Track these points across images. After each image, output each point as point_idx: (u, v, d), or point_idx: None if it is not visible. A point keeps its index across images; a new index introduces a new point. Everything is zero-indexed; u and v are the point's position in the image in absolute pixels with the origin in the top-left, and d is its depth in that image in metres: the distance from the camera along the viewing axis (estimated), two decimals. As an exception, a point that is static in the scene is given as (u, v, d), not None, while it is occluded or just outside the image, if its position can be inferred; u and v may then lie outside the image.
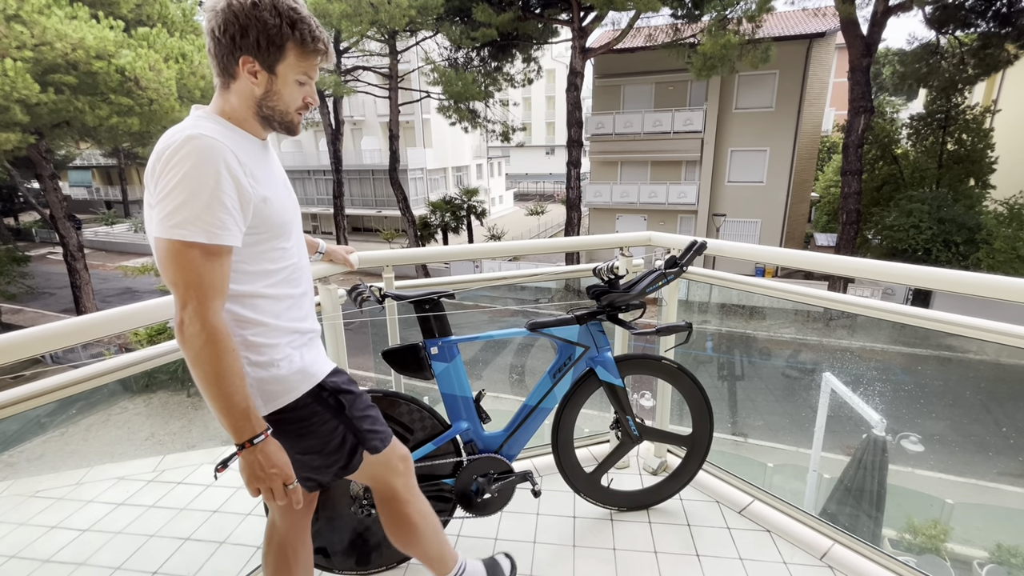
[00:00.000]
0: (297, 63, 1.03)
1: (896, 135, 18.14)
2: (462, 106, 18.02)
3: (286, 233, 1.12)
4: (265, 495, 1.05)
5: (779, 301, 2.07)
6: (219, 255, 0.96)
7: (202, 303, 0.94)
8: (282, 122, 1.08)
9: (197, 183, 0.92)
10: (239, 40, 0.97)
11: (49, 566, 1.94)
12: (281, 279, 1.12)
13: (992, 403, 7.20)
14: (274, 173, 1.13)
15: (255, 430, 1.00)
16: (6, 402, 1.16)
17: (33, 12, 9.81)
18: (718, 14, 13.58)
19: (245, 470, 1.02)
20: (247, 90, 1.02)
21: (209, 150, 0.93)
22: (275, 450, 1.04)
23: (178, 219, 0.92)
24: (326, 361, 1.24)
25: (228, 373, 0.96)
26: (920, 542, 4.63)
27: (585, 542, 1.94)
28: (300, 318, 1.18)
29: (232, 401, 0.97)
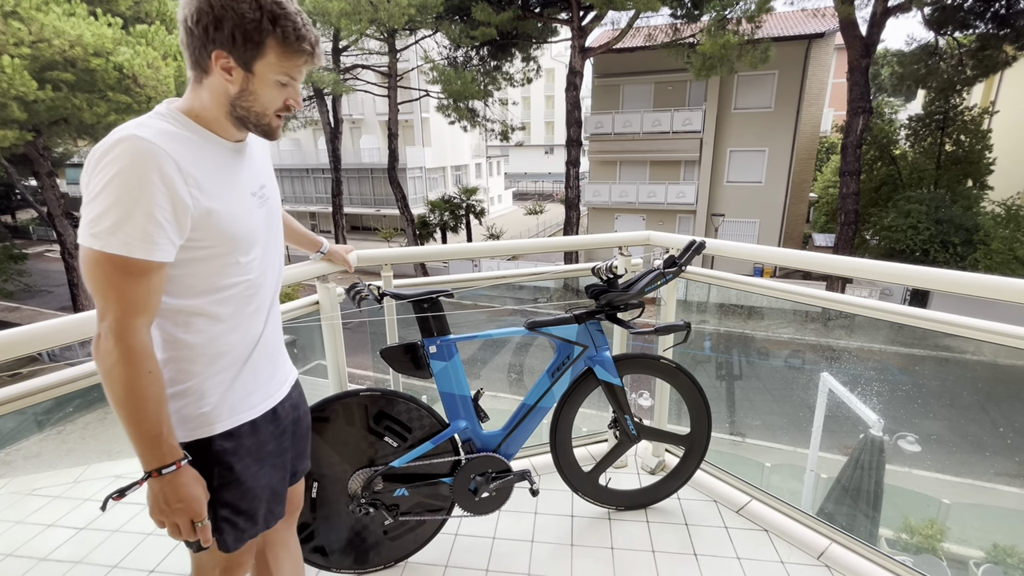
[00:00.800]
0: (278, 62, 0.93)
1: (894, 136, 18.18)
2: (461, 105, 18.00)
3: (244, 247, 1.01)
4: (170, 530, 0.95)
5: (777, 301, 2.06)
6: (144, 271, 0.86)
7: (120, 320, 0.86)
8: (258, 124, 0.99)
9: (123, 190, 0.83)
10: (212, 32, 0.89)
11: (46, 564, 1.93)
12: (231, 295, 1.02)
13: (989, 403, 7.22)
14: (239, 180, 1.02)
15: (164, 460, 0.91)
16: (3, 399, 1.16)
17: (31, 8, 9.78)
18: (717, 14, 13.58)
19: (150, 499, 0.94)
20: (220, 87, 0.93)
21: (142, 154, 0.84)
22: (187, 483, 0.94)
23: (99, 228, 0.83)
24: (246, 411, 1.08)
25: (139, 396, 0.87)
26: (917, 542, 4.64)
27: (583, 541, 1.94)
28: (244, 341, 1.06)
29: (141, 427, 0.89)
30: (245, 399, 1.08)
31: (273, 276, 1.14)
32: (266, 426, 1.12)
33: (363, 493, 1.67)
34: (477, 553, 1.89)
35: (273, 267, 1.13)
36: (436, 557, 1.87)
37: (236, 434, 1.06)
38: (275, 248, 1.14)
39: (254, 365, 1.09)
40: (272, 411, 1.14)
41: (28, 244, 27.16)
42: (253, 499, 1.09)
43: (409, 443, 1.71)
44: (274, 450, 1.15)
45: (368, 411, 1.68)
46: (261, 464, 1.11)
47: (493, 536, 1.97)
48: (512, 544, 1.93)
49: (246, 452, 1.07)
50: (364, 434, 1.68)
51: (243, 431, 1.07)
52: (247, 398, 1.08)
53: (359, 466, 1.69)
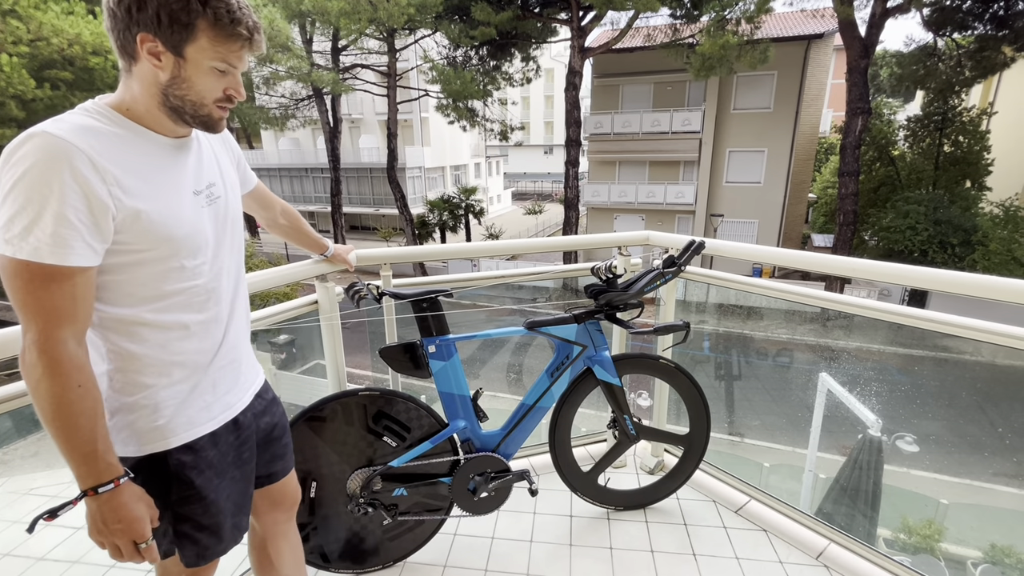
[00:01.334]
0: (211, 47, 0.87)
1: (893, 137, 18.21)
2: (460, 105, 18.00)
3: (188, 250, 0.94)
4: (110, 551, 0.89)
5: (776, 301, 2.06)
6: (61, 277, 0.80)
7: (41, 331, 0.80)
8: (196, 115, 0.92)
9: (32, 191, 0.77)
10: (136, 13, 0.82)
11: (43, 564, 1.93)
12: (177, 303, 0.95)
13: (987, 404, 7.24)
14: (178, 178, 0.95)
15: (100, 478, 0.85)
16: (1, 399, 1.15)
17: (29, 7, 9.77)
18: (717, 14, 13.59)
19: (87, 519, 0.88)
20: (150, 75, 0.86)
21: (52, 151, 0.78)
22: (127, 502, 0.88)
23: (9, 233, 0.77)
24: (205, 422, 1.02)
25: (68, 412, 0.81)
26: (915, 542, 4.65)
27: (582, 541, 1.94)
28: (198, 350, 1.00)
29: (72, 443, 0.83)
30: (204, 410, 1.02)
31: (230, 281, 1.07)
32: (226, 436, 1.07)
33: (362, 493, 1.67)
34: (476, 553, 1.89)
35: (228, 272, 1.06)
36: (435, 557, 1.87)
37: (195, 447, 1.00)
38: (230, 251, 1.07)
39: (214, 375, 1.04)
40: (233, 421, 1.09)
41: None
42: (217, 513, 1.04)
43: (408, 443, 1.71)
44: (235, 461, 1.09)
45: (367, 411, 1.67)
46: (222, 477, 1.06)
47: (492, 536, 1.97)
48: (511, 544, 1.93)
49: (207, 465, 1.02)
50: (363, 434, 1.68)
51: (203, 443, 1.02)
52: (206, 409, 1.03)
53: (358, 466, 1.69)
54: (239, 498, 1.11)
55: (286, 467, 1.29)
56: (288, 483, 1.31)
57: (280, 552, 1.31)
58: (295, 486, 1.34)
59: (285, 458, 1.29)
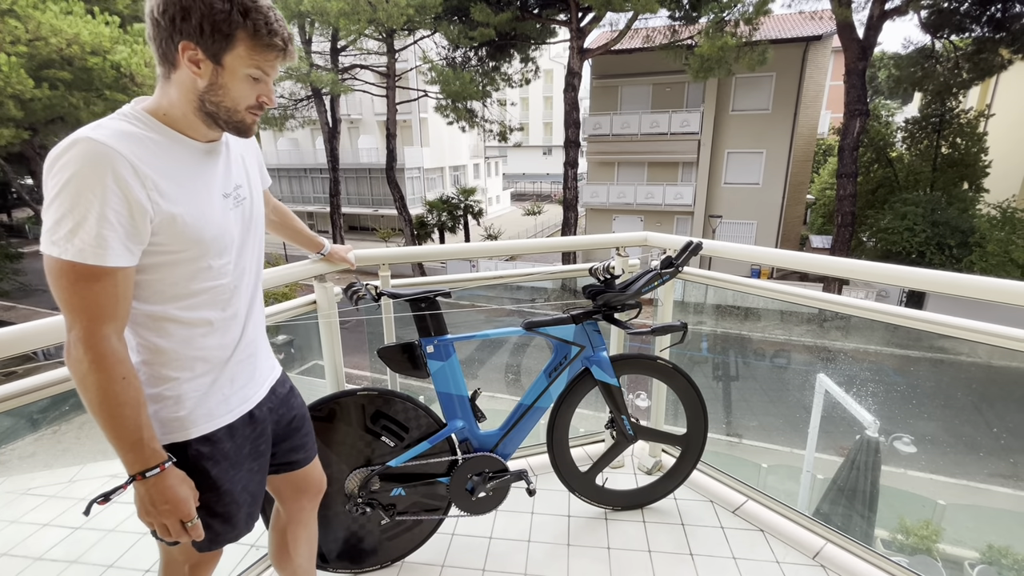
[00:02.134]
0: (248, 56, 0.91)
1: (891, 138, 18.26)
2: (459, 105, 18.01)
3: (216, 250, 0.99)
4: (159, 531, 0.97)
5: (774, 302, 2.08)
6: (103, 276, 0.85)
7: (86, 328, 0.85)
8: (229, 121, 0.96)
9: (76, 195, 0.81)
10: (179, 23, 0.86)
11: (41, 564, 1.92)
12: (203, 301, 1.00)
13: (983, 404, 7.26)
14: (210, 182, 1.00)
15: (147, 463, 0.92)
16: None
17: (28, 7, 9.75)
18: (715, 16, 13.62)
19: (136, 503, 0.95)
20: (188, 81, 0.91)
21: (95, 157, 0.82)
22: (173, 485, 0.95)
23: (56, 235, 0.82)
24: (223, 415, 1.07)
25: (115, 402, 0.87)
26: (912, 542, 4.66)
27: (579, 541, 1.94)
28: (220, 345, 1.05)
29: (120, 432, 0.89)
30: (223, 403, 1.07)
31: (250, 280, 1.11)
32: (243, 429, 1.11)
33: (360, 492, 1.67)
34: (474, 553, 1.89)
35: (250, 270, 1.11)
36: (433, 557, 1.87)
37: (212, 439, 1.05)
38: (253, 251, 1.12)
39: (232, 369, 1.08)
40: (249, 414, 1.13)
41: (24, 243, 26.99)
42: (230, 503, 1.09)
43: (406, 443, 1.71)
44: (250, 453, 1.14)
45: (365, 411, 1.68)
46: (238, 468, 1.10)
47: (490, 536, 1.97)
48: (509, 544, 1.94)
49: (223, 456, 1.06)
50: (361, 434, 1.68)
51: (220, 435, 1.06)
52: (224, 402, 1.07)
53: (356, 466, 1.69)
54: (255, 488, 1.16)
55: (308, 456, 1.34)
56: (312, 470, 1.36)
57: (297, 539, 1.38)
58: (319, 474, 1.39)
59: (306, 447, 1.33)
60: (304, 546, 1.40)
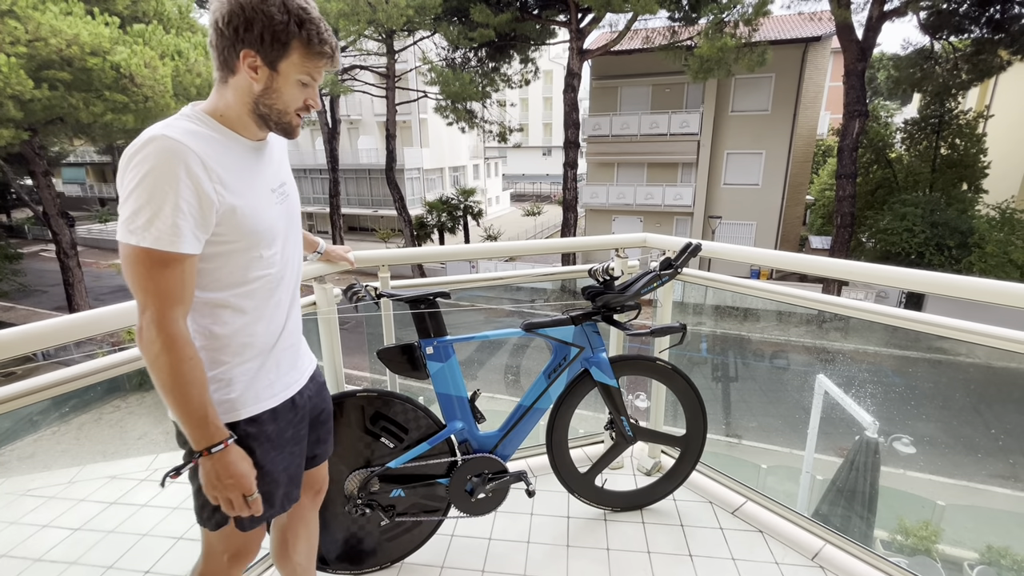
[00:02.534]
0: (301, 63, 1.00)
1: (890, 139, 18.27)
2: (459, 106, 18.02)
3: (266, 241, 1.07)
4: (223, 505, 1.03)
5: (773, 303, 2.07)
6: (175, 262, 0.93)
7: (158, 310, 0.93)
8: (279, 122, 1.05)
9: (154, 187, 0.89)
10: (242, 32, 0.95)
11: (40, 565, 1.92)
12: (253, 289, 1.08)
13: (982, 405, 7.26)
14: (260, 178, 1.08)
15: (212, 439, 0.99)
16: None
17: (27, 7, 9.74)
18: (715, 17, 13.63)
19: (203, 478, 1.01)
20: (245, 85, 0.99)
21: (170, 152, 0.90)
22: (235, 460, 1.02)
23: (135, 224, 0.90)
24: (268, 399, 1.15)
25: (183, 381, 0.95)
26: (911, 543, 4.66)
27: (579, 542, 1.94)
28: (267, 332, 1.13)
29: (188, 410, 0.96)
30: (268, 388, 1.14)
31: (293, 270, 1.20)
32: (285, 414, 1.18)
33: (359, 494, 1.67)
34: (473, 554, 1.89)
35: (293, 262, 1.19)
36: (432, 558, 1.87)
37: (258, 420, 1.12)
38: (295, 243, 1.20)
39: (277, 355, 1.16)
40: (291, 400, 1.20)
41: (23, 243, 27.01)
42: (271, 482, 1.15)
43: (405, 444, 1.71)
44: (292, 437, 1.21)
45: (365, 412, 1.68)
46: (280, 450, 1.17)
47: (489, 537, 1.97)
48: (508, 545, 1.94)
49: (266, 438, 1.13)
50: (360, 435, 1.68)
51: (264, 418, 1.13)
52: (269, 387, 1.14)
53: (355, 467, 1.69)
54: (294, 471, 1.23)
55: (327, 451, 1.41)
56: (322, 469, 1.43)
57: (298, 535, 1.41)
58: (325, 473, 1.44)
59: (327, 442, 1.40)
60: (303, 544, 1.42)
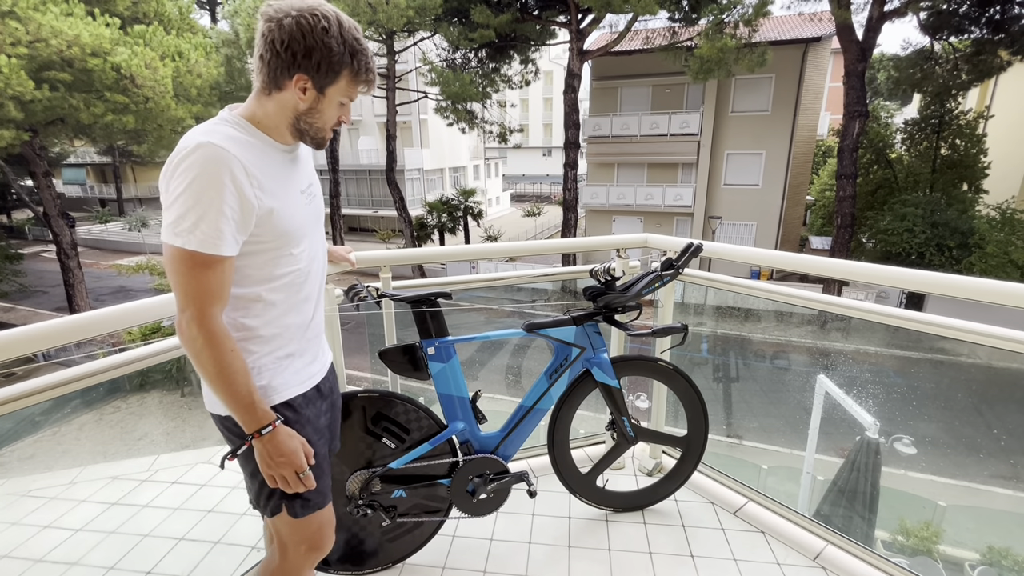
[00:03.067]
0: (346, 88, 1.07)
1: (891, 140, 18.27)
2: (459, 107, 18.02)
3: (296, 239, 1.13)
4: (279, 482, 1.10)
5: (774, 304, 2.07)
6: (216, 264, 0.98)
7: (200, 309, 0.98)
8: (315, 137, 1.12)
9: (200, 192, 0.94)
10: (300, 58, 1.00)
11: (42, 566, 1.92)
12: (283, 284, 1.13)
13: (983, 405, 7.26)
14: (292, 181, 1.14)
15: (261, 422, 1.05)
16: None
17: (28, 8, 9.76)
18: (715, 18, 13.64)
19: (257, 458, 1.08)
20: (290, 103, 1.05)
21: (216, 160, 0.95)
22: (284, 439, 1.08)
23: (181, 227, 0.95)
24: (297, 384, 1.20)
25: (229, 371, 1.01)
26: (913, 544, 4.66)
27: (580, 543, 1.94)
28: (295, 324, 1.18)
29: (236, 397, 1.02)
30: (295, 375, 1.19)
31: (319, 266, 1.24)
32: (315, 401, 1.24)
33: (361, 494, 1.67)
34: (474, 554, 1.89)
35: (319, 258, 1.24)
36: (434, 558, 1.87)
37: (294, 405, 1.17)
38: (320, 240, 1.25)
39: (304, 346, 1.21)
40: (316, 388, 1.25)
41: (23, 244, 27.01)
42: (317, 467, 1.19)
43: (407, 444, 1.71)
44: (324, 425, 1.27)
45: (366, 412, 1.68)
46: (320, 435, 1.24)
47: (491, 538, 1.97)
48: (509, 545, 1.94)
49: (306, 421, 1.19)
50: (362, 435, 1.68)
51: (298, 402, 1.18)
52: (297, 374, 1.19)
53: (357, 467, 1.69)
54: (327, 460, 1.28)
55: (336, 446, 1.43)
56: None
57: None
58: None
59: (337, 436, 1.44)
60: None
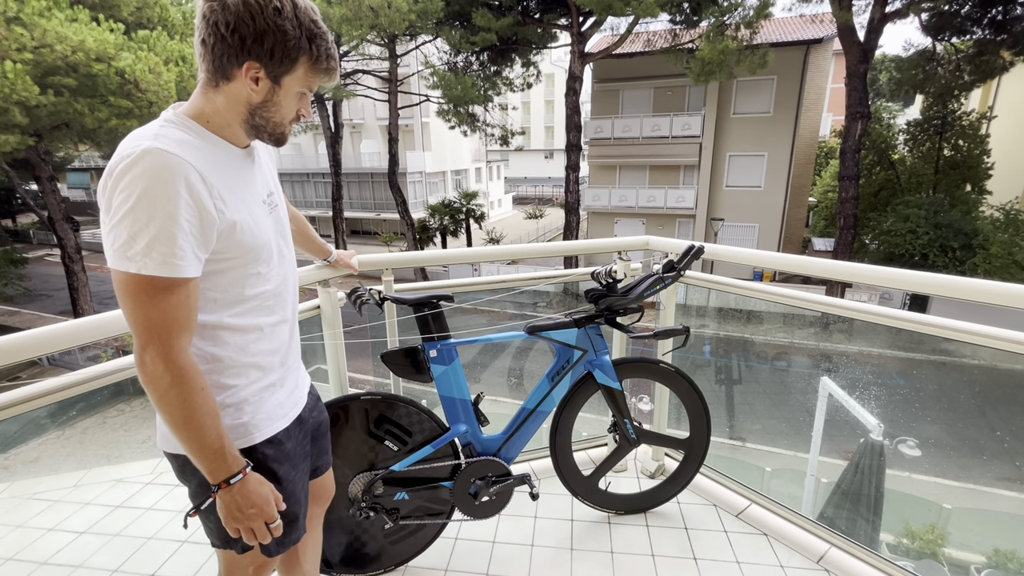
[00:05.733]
0: (305, 77, 0.94)
1: (893, 141, 18.23)
2: (461, 110, 18.06)
3: (263, 256, 1.01)
4: (245, 536, 0.97)
5: (777, 305, 2.07)
6: (179, 288, 0.85)
7: (165, 342, 0.85)
8: (274, 133, 0.99)
9: (152, 207, 0.80)
10: (250, 44, 0.87)
11: (46, 568, 1.93)
12: (252, 307, 1.01)
13: (987, 407, 7.21)
14: (253, 189, 1.01)
15: (231, 470, 0.93)
16: (4, 404, 1.16)
17: (33, 14, 9.82)
18: (716, 20, 13.66)
19: (222, 510, 0.95)
20: (241, 95, 0.91)
21: (167, 168, 0.81)
22: (255, 487, 0.96)
23: (133, 250, 0.81)
24: (280, 418, 1.09)
25: (199, 413, 0.88)
26: (918, 547, 4.63)
27: (583, 545, 1.94)
28: (270, 351, 1.07)
29: (204, 443, 0.89)
30: (278, 407, 1.09)
31: (292, 286, 1.14)
32: (295, 432, 1.15)
33: (363, 497, 1.68)
34: (477, 557, 1.89)
35: (290, 277, 1.13)
36: (436, 561, 1.87)
37: (275, 441, 1.07)
38: (289, 256, 1.14)
39: (283, 374, 1.12)
40: (299, 417, 1.17)
41: (28, 248, 27.16)
42: (295, 503, 1.12)
43: (409, 447, 1.71)
44: (302, 453, 1.19)
45: (368, 415, 1.68)
46: (297, 469, 1.14)
47: (493, 540, 1.97)
48: (512, 548, 1.93)
49: (285, 457, 1.10)
50: (364, 438, 1.69)
51: (280, 437, 1.09)
52: (279, 406, 1.10)
53: (359, 470, 1.69)
54: (306, 488, 1.20)
55: (328, 462, 1.38)
56: (328, 477, 1.40)
57: (307, 546, 1.39)
58: (331, 481, 1.42)
59: (328, 453, 1.38)
60: (312, 552, 1.42)
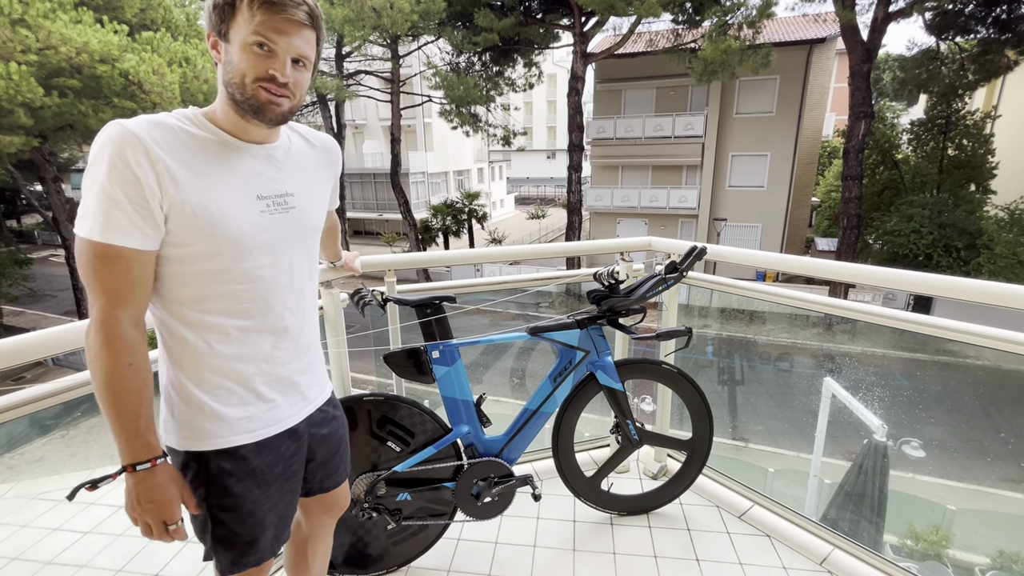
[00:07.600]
0: (247, 23, 0.86)
1: (897, 140, 18.16)
2: (463, 110, 18.08)
3: (240, 252, 0.94)
4: (142, 528, 0.93)
5: (780, 306, 2.06)
6: (117, 257, 0.84)
7: (102, 309, 0.85)
8: (243, 99, 0.90)
9: (94, 175, 0.84)
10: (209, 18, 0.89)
11: (51, 568, 1.94)
12: (219, 307, 0.95)
13: (991, 408, 7.19)
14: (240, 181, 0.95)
15: (138, 456, 0.88)
16: (8, 406, 1.17)
17: (38, 16, 9.88)
18: (719, 20, 13.64)
19: (125, 494, 0.91)
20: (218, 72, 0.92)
21: (112, 140, 0.83)
22: (162, 484, 0.91)
23: (79, 214, 0.85)
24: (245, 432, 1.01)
25: (118, 387, 0.86)
26: (922, 548, 4.61)
27: (585, 546, 1.94)
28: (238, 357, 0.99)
29: (118, 418, 0.87)
30: (245, 421, 1.01)
31: (293, 294, 1.05)
32: (277, 448, 1.06)
33: (366, 497, 1.68)
34: (479, 558, 1.89)
35: (292, 285, 1.04)
36: (438, 562, 1.87)
37: (236, 455, 1.00)
38: (301, 266, 1.06)
39: (258, 388, 1.03)
40: (289, 431, 1.08)
41: (33, 248, 27.29)
42: (254, 525, 1.03)
43: (412, 448, 1.72)
44: (284, 472, 1.08)
45: (371, 416, 1.68)
46: (266, 488, 1.05)
47: (495, 541, 1.97)
48: (514, 549, 1.94)
49: (247, 474, 1.01)
50: (367, 439, 1.69)
51: (246, 452, 1.01)
52: (248, 420, 1.02)
53: (362, 471, 1.70)
54: (284, 510, 1.11)
55: (339, 479, 1.30)
56: (340, 491, 1.32)
57: (316, 552, 1.37)
58: (346, 492, 1.36)
59: (340, 471, 1.30)
60: (321, 557, 1.40)
